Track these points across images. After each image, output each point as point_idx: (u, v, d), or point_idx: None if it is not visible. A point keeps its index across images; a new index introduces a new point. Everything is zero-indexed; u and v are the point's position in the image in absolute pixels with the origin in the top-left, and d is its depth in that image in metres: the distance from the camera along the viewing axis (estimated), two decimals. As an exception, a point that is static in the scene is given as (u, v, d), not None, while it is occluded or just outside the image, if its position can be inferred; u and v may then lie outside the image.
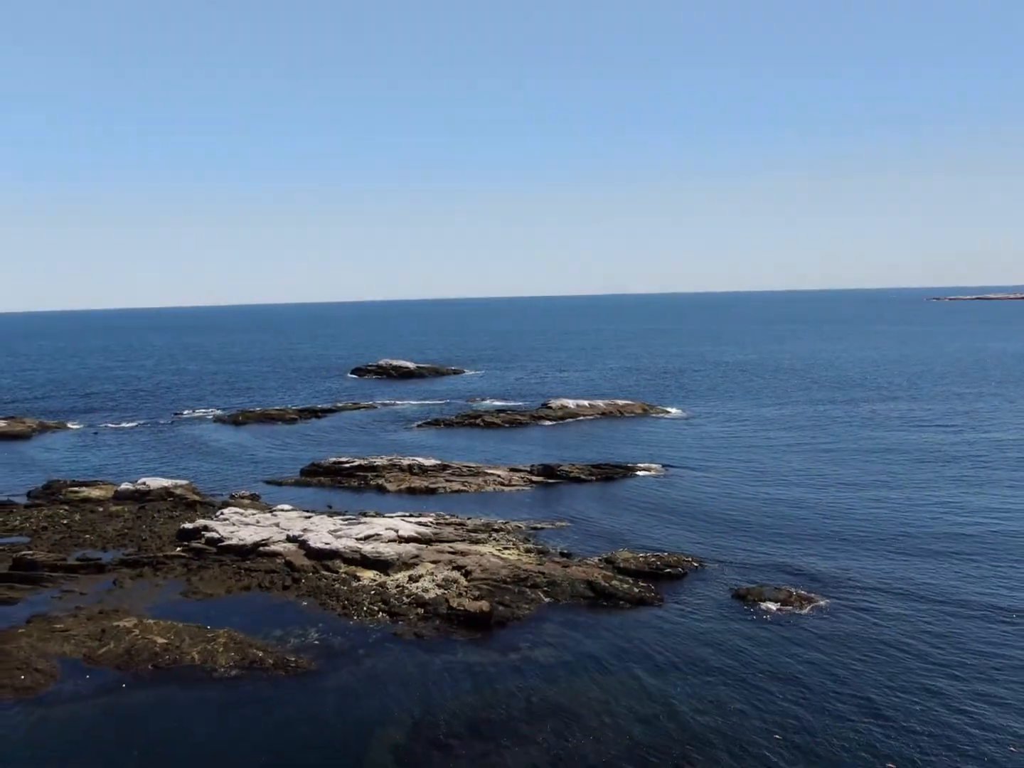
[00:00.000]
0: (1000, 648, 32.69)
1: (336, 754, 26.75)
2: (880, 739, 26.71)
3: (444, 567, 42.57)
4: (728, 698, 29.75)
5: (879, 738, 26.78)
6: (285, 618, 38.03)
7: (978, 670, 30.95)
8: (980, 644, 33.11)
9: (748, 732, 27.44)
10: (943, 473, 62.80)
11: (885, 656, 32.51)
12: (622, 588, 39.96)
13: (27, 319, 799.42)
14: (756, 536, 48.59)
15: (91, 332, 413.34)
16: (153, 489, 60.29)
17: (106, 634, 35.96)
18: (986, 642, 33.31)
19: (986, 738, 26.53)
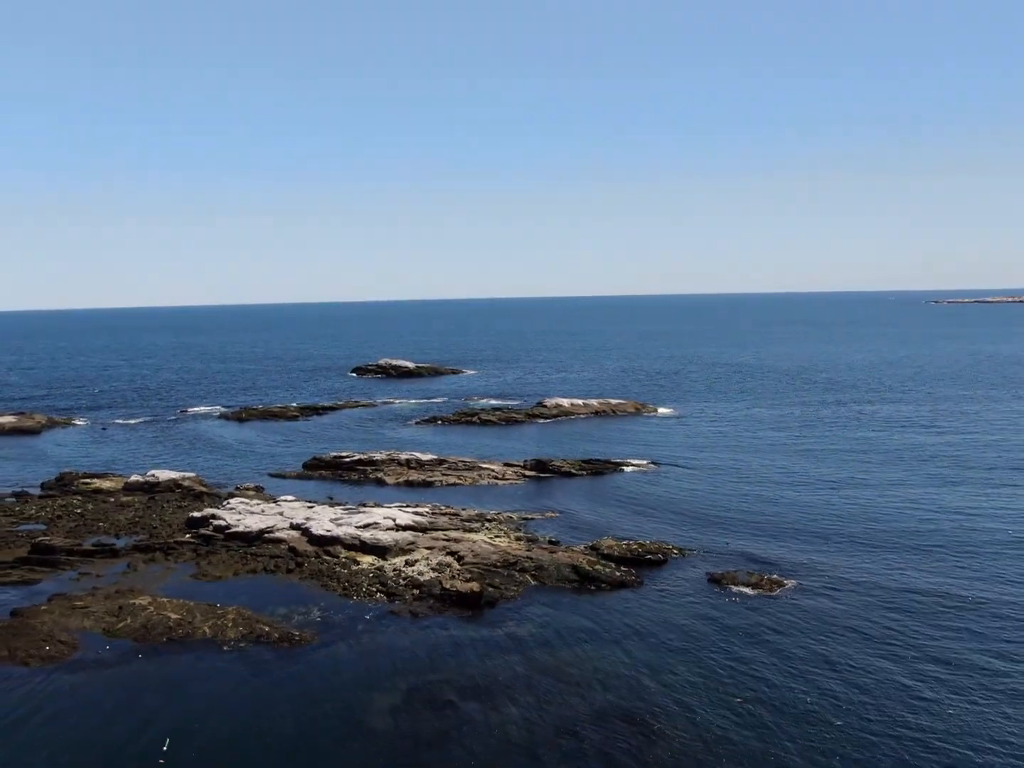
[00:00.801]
0: (942, 631, 35.31)
1: (338, 714, 29.43)
2: (831, 704, 29.37)
3: (438, 553, 45.30)
4: (696, 667, 32.49)
5: (831, 703, 29.44)
6: (289, 598, 40.78)
7: (918, 650, 33.61)
8: (926, 628, 35.72)
9: (712, 696, 30.14)
10: (918, 472, 65.33)
11: (841, 634, 35.22)
12: (604, 572, 42.71)
13: (29, 318, 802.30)
14: (735, 529, 51.24)
15: (93, 331, 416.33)
16: (162, 481, 63.03)
17: (123, 611, 38.69)
18: (934, 626, 35.95)
19: (926, 706, 29.21)
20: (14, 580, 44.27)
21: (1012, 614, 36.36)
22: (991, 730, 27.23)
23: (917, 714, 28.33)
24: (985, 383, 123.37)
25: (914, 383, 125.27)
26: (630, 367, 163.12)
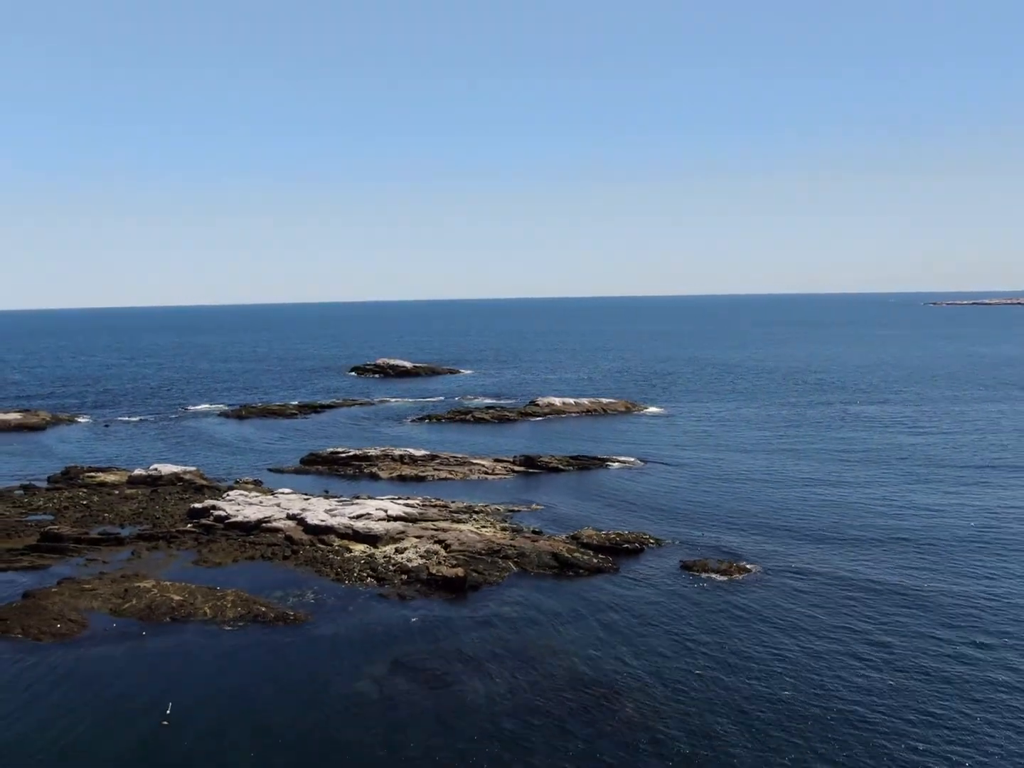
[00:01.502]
0: (887, 617, 37.71)
1: (328, 684, 31.88)
2: (780, 677, 31.85)
3: (427, 541, 47.80)
4: (661, 642, 35.00)
5: (780, 676, 31.91)
6: (285, 582, 43.28)
7: (862, 633, 36.09)
8: (874, 614, 38.09)
9: (673, 667, 32.63)
10: (894, 470, 67.38)
11: (795, 617, 37.69)
12: (583, 559, 45.21)
13: (32, 318, 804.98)
14: (711, 522, 53.62)
15: (96, 331, 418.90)
16: (164, 475, 65.52)
17: (128, 593, 41.18)
18: (881, 612, 38.41)
19: (863, 682, 31.69)
20: (25, 565, 46.78)
21: (953, 603, 38.51)
22: (914, 701, 29.68)
23: (853, 689, 30.73)
24: (972, 384, 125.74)
25: (903, 384, 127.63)
26: (625, 367, 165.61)
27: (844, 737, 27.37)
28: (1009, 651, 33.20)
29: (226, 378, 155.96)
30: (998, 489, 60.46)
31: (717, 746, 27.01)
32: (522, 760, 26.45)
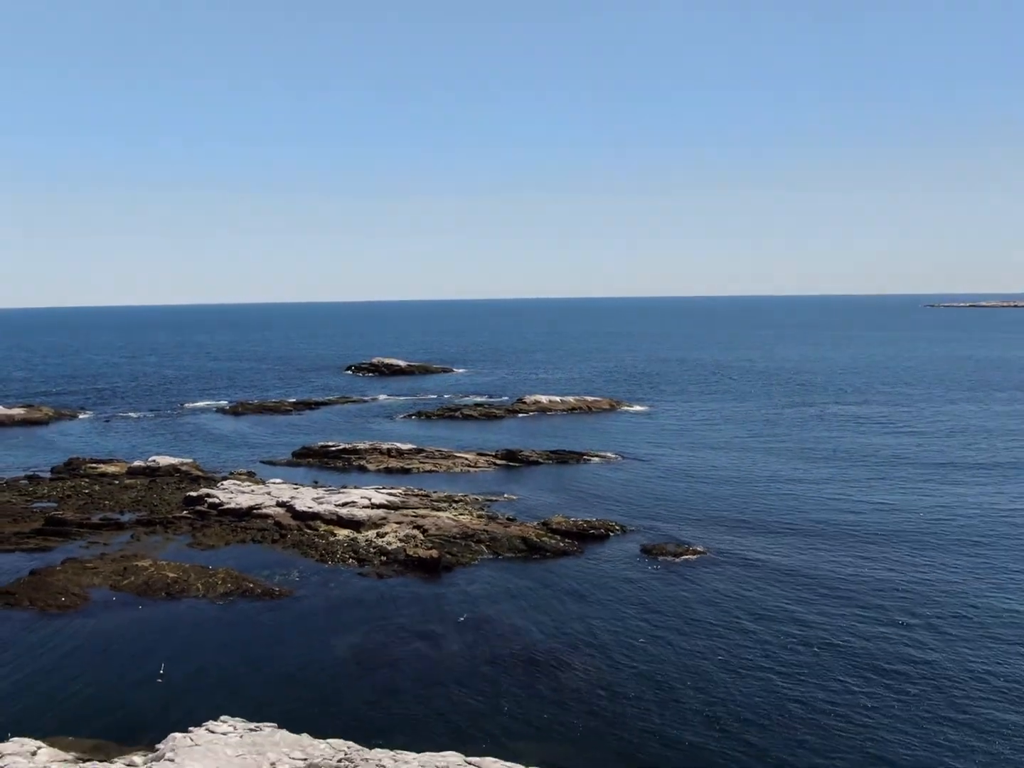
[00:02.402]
0: (816, 601, 41.01)
1: (308, 650, 35.24)
2: (714, 644, 35.23)
3: (406, 526, 51.19)
4: (612, 615, 38.37)
5: (714, 643, 35.29)
6: (272, 562, 46.68)
7: (787, 612, 39.47)
8: (804, 597, 41.26)
9: (620, 637, 35.97)
10: (857, 469, 69.91)
11: (736, 594, 41.08)
12: (550, 543, 48.61)
13: (33, 315, 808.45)
14: (676, 512, 56.84)
15: (98, 328, 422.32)
16: (162, 466, 68.93)
17: (127, 571, 44.59)
18: (812, 597, 41.74)
19: (777, 655, 35.06)
20: (31, 547, 50.20)
21: (878, 589, 41.08)
22: (817, 674, 33.04)
23: (771, 659, 34.11)
24: (952, 386, 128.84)
25: (884, 385, 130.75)
26: (616, 367, 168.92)
27: (752, 695, 30.71)
28: (920, 631, 36.30)
29: (225, 376, 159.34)
30: (955, 486, 63.16)
31: (635, 696, 30.36)
32: (472, 708, 29.78)
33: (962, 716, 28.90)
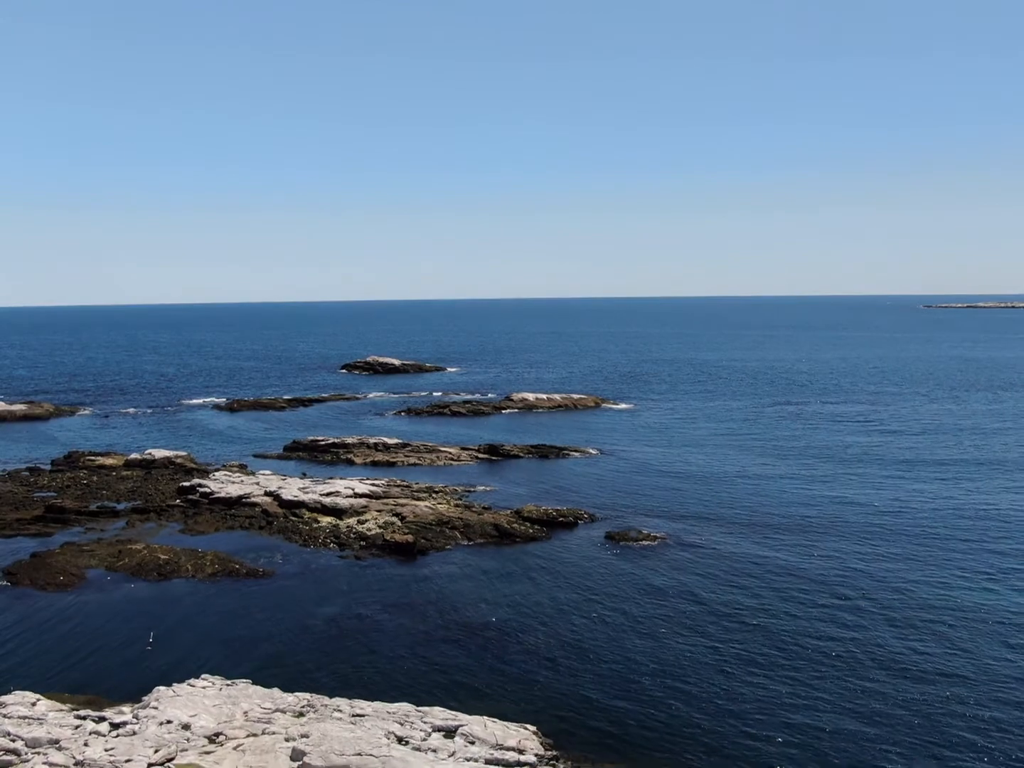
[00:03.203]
0: (760, 589, 44.00)
1: (286, 619, 38.25)
2: (661, 619, 38.20)
3: (386, 514, 54.18)
4: (571, 591, 41.37)
5: (664, 617, 38.27)
6: (258, 547, 49.68)
7: (728, 596, 42.43)
8: (749, 586, 44.27)
9: (577, 610, 38.95)
10: (825, 466, 72.53)
11: (685, 576, 44.05)
12: (520, 529, 51.59)
13: (36, 313, 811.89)
14: (645, 503, 59.60)
15: (99, 327, 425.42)
16: (157, 458, 71.92)
17: (122, 554, 47.59)
18: (750, 580, 44.72)
19: (712, 631, 38.02)
20: (32, 532, 53.20)
21: (818, 581, 43.33)
22: (740, 648, 36.02)
23: (698, 634, 37.11)
24: (933, 385, 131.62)
25: (868, 384, 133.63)
26: (606, 366, 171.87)
27: (677, 663, 33.71)
28: (841, 611, 39.09)
29: (223, 374, 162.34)
30: (914, 482, 65.38)
31: (585, 660, 33.35)
32: (439, 673, 32.77)
33: (862, 684, 31.85)
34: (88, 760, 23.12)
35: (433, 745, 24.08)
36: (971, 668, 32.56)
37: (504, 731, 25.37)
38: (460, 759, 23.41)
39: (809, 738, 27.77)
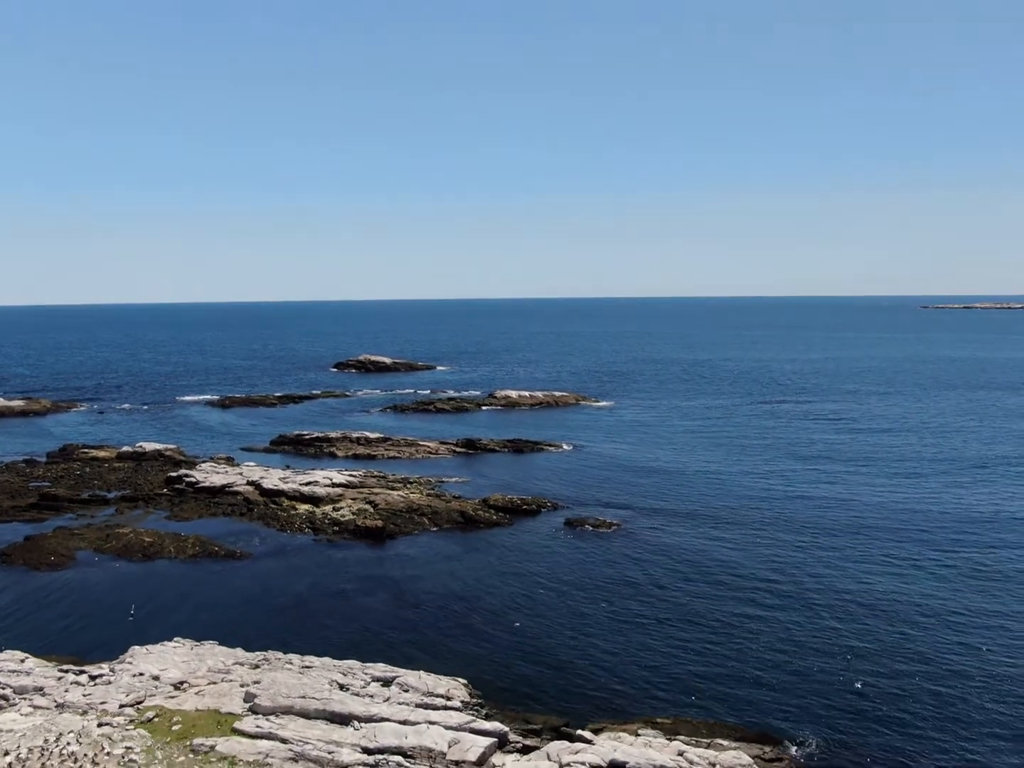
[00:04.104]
0: (687, 575, 47.30)
1: (258, 596, 41.55)
2: (602, 595, 41.47)
3: (360, 502, 57.49)
4: (524, 568, 44.71)
5: (605, 594, 41.54)
6: (238, 531, 53.02)
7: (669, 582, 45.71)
8: (688, 573, 47.58)
9: (525, 584, 42.26)
10: (787, 461, 75.63)
11: (646, 559, 47.34)
12: (485, 516, 54.91)
13: (39, 312, 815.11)
14: (608, 494, 62.79)
15: (99, 325, 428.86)
16: (148, 451, 75.26)
17: (109, 537, 50.92)
18: (694, 574, 47.98)
19: (653, 612, 41.31)
20: (27, 518, 56.54)
21: (750, 569, 46.20)
22: (663, 625, 39.31)
23: (629, 611, 40.40)
24: (911, 384, 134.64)
25: (846, 383, 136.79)
26: (594, 365, 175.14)
27: (612, 636, 37.02)
28: (764, 592, 42.45)
29: (218, 372, 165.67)
30: (867, 478, 67.75)
31: (518, 629, 36.67)
32: (388, 637, 36.09)
33: (763, 653, 35.16)
34: (68, 703, 26.44)
35: (371, 692, 27.38)
36: (871, 643, 35.79)
37: (436, 682, 28.65)
38: (393, 703, 26.70)
39: (701, 697, 31.06)
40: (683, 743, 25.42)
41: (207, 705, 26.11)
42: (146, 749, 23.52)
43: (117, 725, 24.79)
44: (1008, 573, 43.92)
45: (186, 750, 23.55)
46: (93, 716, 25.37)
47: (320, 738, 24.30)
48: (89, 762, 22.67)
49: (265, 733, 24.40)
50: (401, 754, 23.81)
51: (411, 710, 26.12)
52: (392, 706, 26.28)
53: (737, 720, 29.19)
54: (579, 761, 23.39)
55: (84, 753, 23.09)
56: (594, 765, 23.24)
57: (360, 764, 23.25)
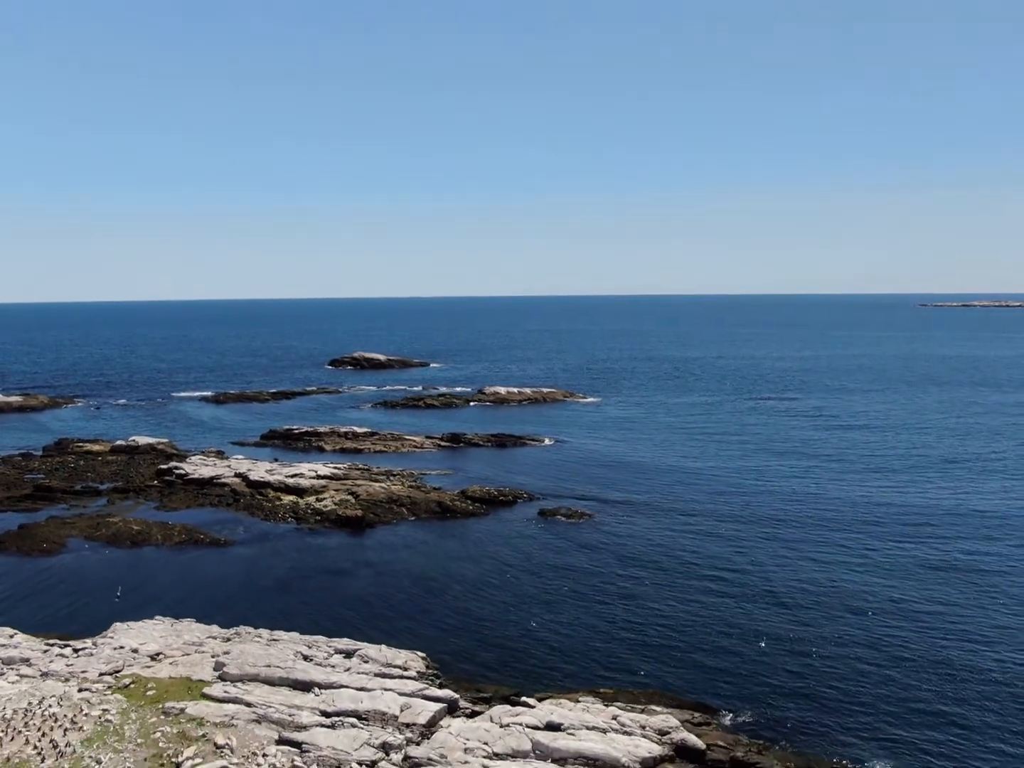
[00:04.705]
0: (643, 563, 49.36)
1: (238, 579, 43.67)
2: (565, 584, 43.57)
3: (342, 493, 59.59)
4: (494, 554, 46.79)
5: (573, 577, 43.63)
6: (224, 520, 55.14)
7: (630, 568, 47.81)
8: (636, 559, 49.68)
9: (494, 567, 44.34)
10: (761, 456, 77.27)
11: (611, 547, 49.43)
12: (461, 506, 57.02)
13: (41, 310, 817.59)
14: (584, 487, 64.74)
15: (99, 323, 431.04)
16: (140, 445, 77.38)
17: (100, 526, 53.04)
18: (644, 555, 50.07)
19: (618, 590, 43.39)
20: (21, 508, 58.70)
21: (706, 559, 48.12)
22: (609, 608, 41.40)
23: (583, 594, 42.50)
24: (898, 382, 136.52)
25: (831, 380, 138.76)
26: (588, 361, 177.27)
27: (564, 617, 39.13)
28: (712, 582, 44.54)
29: (215, 369, 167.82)
30: (835, 474, 69.23)
31: (480, 610, 38.78)
32: (357, 615, 38.21)
33: (703, 634, 37.29)
34: (52, 672, 28.56)
35: (333, 663, 29.49)
36: (812, 627, 37.88)
37: (395, 654, 30.76)
38: (353, 673, 28.81)
39: (647, 673, 33.18)
40: (619, 709, 27.50)
41: (180, 673, 28.23)
42: (121, 711, 25.63)
43: (96, 691, 26.91)
44: (956, 565, 45.89)
45: (158, 712, 25.67)
46: (74, 683, 27.49)
47: (283, 702, 26.41)
48: (68, 722, 24.78)
49: (232, 697, 26.51)
50: (356, 716, 25.92)
51: (369, 679, 28.22)
52: (352, 675, 28.39)
53: (677, 693, 31.27)
54: (518, 722, 25.51)
55: (64, 714, 25.21)
56: (531, 725, 25.35)
57: (318, 725, 25.35)
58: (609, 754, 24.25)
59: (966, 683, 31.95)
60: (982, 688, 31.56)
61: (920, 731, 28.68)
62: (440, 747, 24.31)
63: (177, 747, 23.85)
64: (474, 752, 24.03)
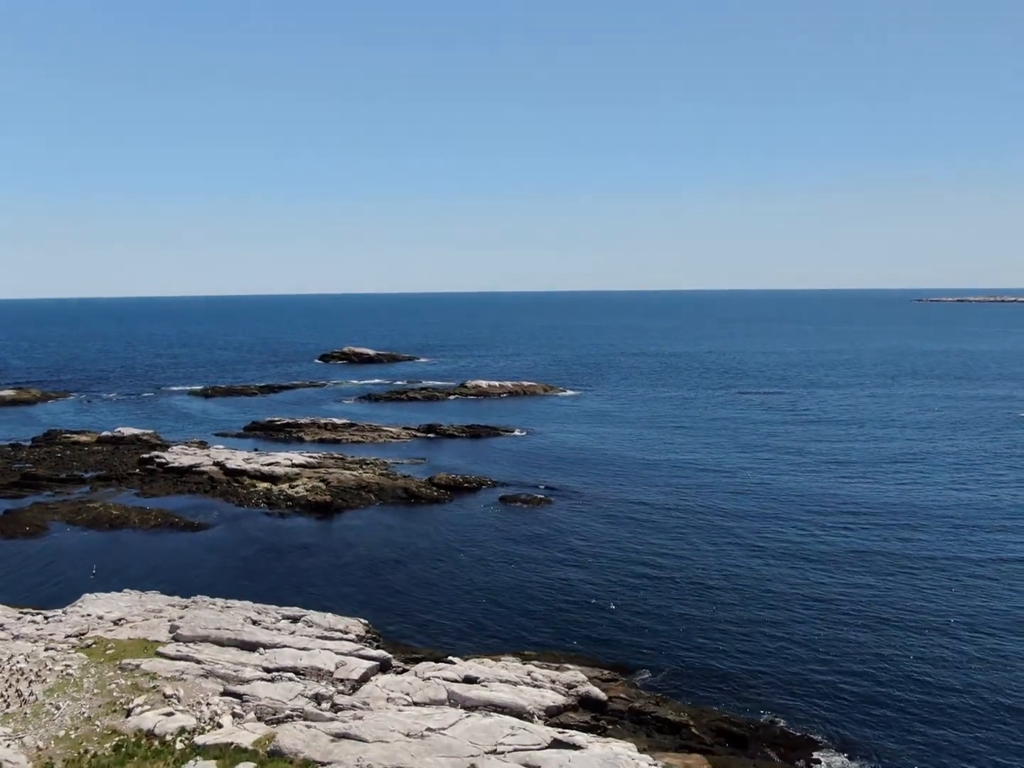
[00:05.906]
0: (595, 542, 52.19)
1: (214, 557, 46.57)
2: (533, 562, 46.42)
3: (314, 480, 62.45)
4: (453, 540, 49.66)
5: (534, 560, 46.47)
6: (199, 506, 58.01)
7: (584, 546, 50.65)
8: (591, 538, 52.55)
9: (451, 548, 47.20)
10: (725, 448, 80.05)
11: (563, 530, 52.30)
12: (427, 492, 59.88)
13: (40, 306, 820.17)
14: (547, 474, 67.63)
15: (99, 318, 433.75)
16: (126, 436, 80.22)
17: (80, 510, 55.91)
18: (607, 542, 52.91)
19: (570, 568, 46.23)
20: (7, 495, 61.57)
21: (647, 547, 51.69)
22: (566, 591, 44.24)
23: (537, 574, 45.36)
24: (881, 376, 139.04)
25: (811, 374, 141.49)
26: (578, 355, 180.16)
27: (492, 584, 42.00)
28: (644, 566, 47.47)
29: (207, 363, 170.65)
30: (792, 467, 71.45)
31: (425, 584, 41.64)
32: (311, 587, 41.08)
33: (637, 611, 40.16)
34: (23, 634, 31.43)
35: (279, 627, 32.35)
36: (720, 610, 40.75)
37: (337, 620, 33.63)
38: (297, 635, 31.67)
39: (577, 639, 36.06)
40: (534, 666, 30.37)
41: (138, 635, 31.10)
42: (82, 667, 28.51)
43: (60, 650, 29.79)
44: (881, 551, 48.64)
45: (115, 667, 28.54)
46: (42, 644, 30.37)
47: (229, 660, 29.28)
48: (33, 675, 27.66)
49: (183, 656, 29.38)
50: (295, 672, 28.79)
51: (311, 640, 31.10)
52: (296, 637, 31.26)
53: (597, 656, 34.14)
54: (439, 676, 28.37)
55: (31, 669, 28.08)
56: (449, 678, 28.23)
57: (259, 679, 28.21)
58: (516, 703, 27.10)
59: (852, 655, 34.82)
60: (857, 652, 34.43)
61: (803, 696, 31.56)
62: (366, 697, 27.18)
63: (129, 696, 26.72)
64: (395, 701, 26.89)
